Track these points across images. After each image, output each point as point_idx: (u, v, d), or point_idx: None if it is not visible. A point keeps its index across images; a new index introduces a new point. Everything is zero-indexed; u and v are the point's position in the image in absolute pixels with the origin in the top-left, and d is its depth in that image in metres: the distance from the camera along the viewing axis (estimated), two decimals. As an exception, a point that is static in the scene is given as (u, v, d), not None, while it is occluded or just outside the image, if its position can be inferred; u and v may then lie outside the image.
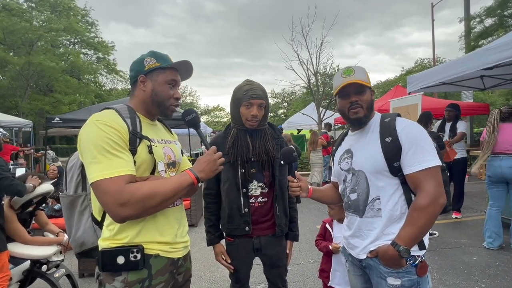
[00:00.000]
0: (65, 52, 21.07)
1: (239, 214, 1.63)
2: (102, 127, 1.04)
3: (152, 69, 1.20)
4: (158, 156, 1.18)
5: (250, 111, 1.58)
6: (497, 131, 3.52)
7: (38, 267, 2.44)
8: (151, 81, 1.21)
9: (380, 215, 1.27)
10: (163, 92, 1.21)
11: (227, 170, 1.61)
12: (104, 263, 1.09)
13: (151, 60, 1.21)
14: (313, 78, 14.31)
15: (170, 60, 1.24)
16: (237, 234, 1.66)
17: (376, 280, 1.29)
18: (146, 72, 1.20)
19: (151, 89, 1.20)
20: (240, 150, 1.62)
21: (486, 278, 2.93)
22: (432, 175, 1.18)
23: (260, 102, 1.59)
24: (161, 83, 1.21)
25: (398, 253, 1.18)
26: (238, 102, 1.61)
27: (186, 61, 1.23)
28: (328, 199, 1.63)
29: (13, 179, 2.29)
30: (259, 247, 1.67)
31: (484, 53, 4.08)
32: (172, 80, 1.23)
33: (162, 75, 1.21)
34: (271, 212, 1.69)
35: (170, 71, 1.23)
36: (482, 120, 15.78)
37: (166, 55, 1.25)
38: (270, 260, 1.72)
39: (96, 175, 1.00)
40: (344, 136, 1.50)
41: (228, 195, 1.65)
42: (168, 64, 1.22)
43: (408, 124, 1.27)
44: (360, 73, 1.30)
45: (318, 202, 1.72)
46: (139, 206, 1.01)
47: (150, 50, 1.25)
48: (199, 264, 3.56)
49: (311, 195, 1.55)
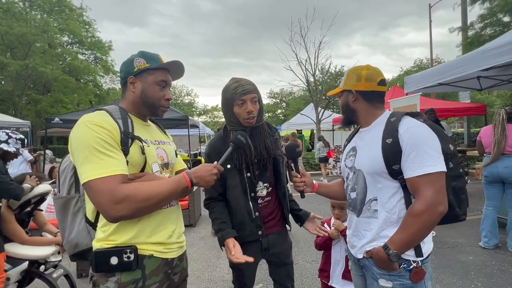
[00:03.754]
0: (63, 52, 20.98)
1: (250, 219, 1.58)
2: (92, 127, 1.03)
3: (141, 70, 1.18)
4: (151, 156, 1.17)
5: (244, 108, 1.51)
6: (507, 131, 3.42)
7: (36, 268, 2.44)
8: (141, 82, 1.19)
9: (376, 216, 1.25)
10: (153, 93, 1.19)
11: (234, 176, 1.56)
12: (97, 264, 1.08)
13: (140, 60, 1.19)
14: (312, 78, 14.33)
15: (161, 60, 1.22)
16: (250, 240, 1.58)
17: (370, 280, 1.29)
18: (135, 73, 1.18)
19: (141, 90, 1.19)
20: (243, 154, 1.55)
21: (483, 277, 2.96)
22: (432, 181, 1.12)
23: (252, 96, 1.52)
24: (151, 84, 1.19)
25: (387, 257, 1.16)
26: (230, 102, 1.53)
27: (177, 61, 1.21)
28: (335, 194, 1.60)
29: (11, 182, 2.27)
30: (267, 246, 1.63)
31: (481, 54, 4.11)
32: (162, 81, 1.21)
33: (151, 76, 1.19)
34: (276, 209, 1.67)
35: (160, 71, 1.21)
36: (479, 120, 15.85)
37: (156, 55, 1.23)
38: (278, 258, 1.68)
39: (88, 175, 0.99)
40: (355, 132, 1.47)
41: (238, 201, 1.59)
42: (158, 65, 1.19)
43: (413, 126, 1.19)
44: (343, 79, 1.40)
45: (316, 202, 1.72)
46: (133, 206, 1.01)
47: (139, 50, 1.23)
48: (198, 264, 3.56)
49: (316, 190, 1.53)
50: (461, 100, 10.32)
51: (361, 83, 1.31)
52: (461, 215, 1.25)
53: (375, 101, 1.33)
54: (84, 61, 21.92)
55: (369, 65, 1.36)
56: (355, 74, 1.34)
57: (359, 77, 1.32)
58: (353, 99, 1.34)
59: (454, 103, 9.94)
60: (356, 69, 1.35)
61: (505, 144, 3.42)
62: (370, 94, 1.32)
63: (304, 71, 14.04)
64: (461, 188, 1.25)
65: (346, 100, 1.37)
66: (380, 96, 1.34)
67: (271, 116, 36.68)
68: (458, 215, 1.25)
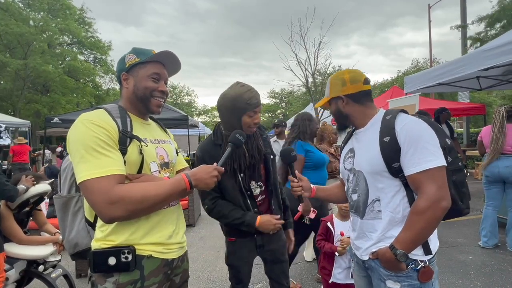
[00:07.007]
0: (62, 52, 20.96)
1: None
2: (90, 126, 1.01)
3: (132, 65, 1.17)
4: (150, 156, 1.16)
5: (254, 119, 1.55)
6: (506, 129, 3.39)
7: (35, 268, 2.43)
8: (133, 77, 1.18)
9: (380, 217, 1.23)
10: (145, 87, 1.17)
11: (229, 178, 1.57)
12: (95, 264, 1.07)
13: (131, 56, 1.18)
14: (311, 78, 14.32)
15: (152, 54, 1.19)
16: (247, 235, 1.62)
17: (376, 282, 1.26)
18: (127, 69, 1.18)
19: (133, 85, 1.17)
20: (238, 159, 1.57)
21: (482, 276, 2.96)
22: (434, 176, 1.11)
23: (260, 108, 1.58)
24: (142, 77, 1.17)
25: (395, 257, 1.14)
26: (240, 111, 1.52)
27: (168, 51, 1.18)
28: (334, 197, 1.59)
29: (7, 183, 2.24)
30: (262, 243, 1.65)
31: (481, 54, 4.12)
32: (155, 73, 1.18)
33: (143, 70, 1.17)
34: (269, 207, 1.69)
35: (152, 64, 1.18)
36: (478, 120, 15.87)
37: (149, 50, 1.21)
38: (273, 255, 1.70)
39: (84, 174, 0.97)
40: (351, 133, 1.47)
41: (237, 200, 1.61)
42: (148, 58, 1.17)
43: (409, 122, 1.18)
44: (327, 89, 1.40)
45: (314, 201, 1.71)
46: (129, 208, 0.99)
47: (132, 47, 1.22)
48: (197, 264, 3.56)
49: (314, 195, 1.51)
50: (460, 100, 10.33)
51: (347, 87, 1.31)
52: (464, 208, 1.24)
53: (365, 100, 1.33)
54: (84, 62, 21.89)
55: (348, 69, 1.38)
56: (338, 80, 1.34)
57: (343, 82, 1.32)
58: (343, 104, 1.34)
59: (453, 103, 9.94)
60: (337, 76, 1.36)
61: (503, 142, 3.40)
62: (359, 95, 1.32)
63: (304, 71, 14.04)
64: (461, 182, 1.24)
65: (336, 107, 1.37)
66: (368, 94, 1.34)
67: (271, 116, 36.70)
68: (461, 209, 1.24)
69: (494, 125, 3.49)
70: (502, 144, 3.40)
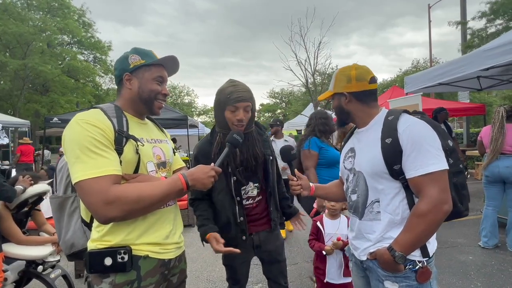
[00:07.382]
0: (62, 51, 20.96)
1: (235, 223, 1.59)
2: (85, 126, 1.01)
3: (137, 67, 1.17)
4: (146, 156, 1.15)
5: (235, 115, 1.49)
6: (505, 129, 3.38)
7: (34, 268, 2.42)
8: (137, 79, 1.18)
9: (379, 218, 1.22)
10: (151, 90, 1.18)
11: (220, 179, 1.51)
12: (91, 265, 1.06)
13: (135, 57, 1.18)
14: (311, 78, 14.32)
15: (155, 56, 1.21)
16: (233, 244, 1.52)
17: (374, 282, 1.26)
18: (131, 70, 1.18)
19: (138, 87, 1.18)
20: (230, 157, 1.52)
21: (482, 277, 2.95)
22: (436, 180, 1.10)
23: (246, 104, 1.49)
24: (148, 80, 1.18)
25: (393, 259, 1.14)
26: (223, 105, 1.50)
27: (172, 56, 1.20)
28: (333, 196, 1.58)
29: (4, 184, 2.23)
30: (259, 243, 1.65)
31: (481, 54, 4.11)
32: (159, 77, 1.20)
33: (148, 73, 1.18)
34: (267, 208, 1.68)
35: (156, 67, 1.20)
36: (478, 120, 15.87)
37: (150, 51, 1.22)
38: (270, 255, 1.69)
39: (80, 175, 0.97)
40: (352, 132, 1.44)
41: (223, 205, 1.59)
42: (154, 61, 1.19)
43: (412, 124, 1.17)
44: (332, 83, 1.38)
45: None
46: (125, 208, 0.99)
47: (132, 47, 1.23)
48: (196, 264, 3.55)
49: (313, 193, 1.51)
50: (460, 100, 10.33)
51: (352, 84, 1.29)
52: (463, 211, 1.24)
53: (368, 100, 1.30)
54: (83, 62, 21.90)
55: (356, 64, 1.34)
56: (344, 75, 1.31)
57: (349, 78, 1.29)
58: (346, 101, 1.32)
59: (453, 103, 9.94)
60: (344, 70, 1.33)
61: (502, 142, 3.40)
62: (362, 94, 1.29)
63: (304, 71, 14.03)
64: (462, 184, 1.24)
65: (339, 103, 1.35)
66: (373, 94, 1.31)
67: (271, 116, 36.71)
68: (461, 211, 1.23)
69: (494, 125, 3.49)
70: (502, 144, 3.40)
